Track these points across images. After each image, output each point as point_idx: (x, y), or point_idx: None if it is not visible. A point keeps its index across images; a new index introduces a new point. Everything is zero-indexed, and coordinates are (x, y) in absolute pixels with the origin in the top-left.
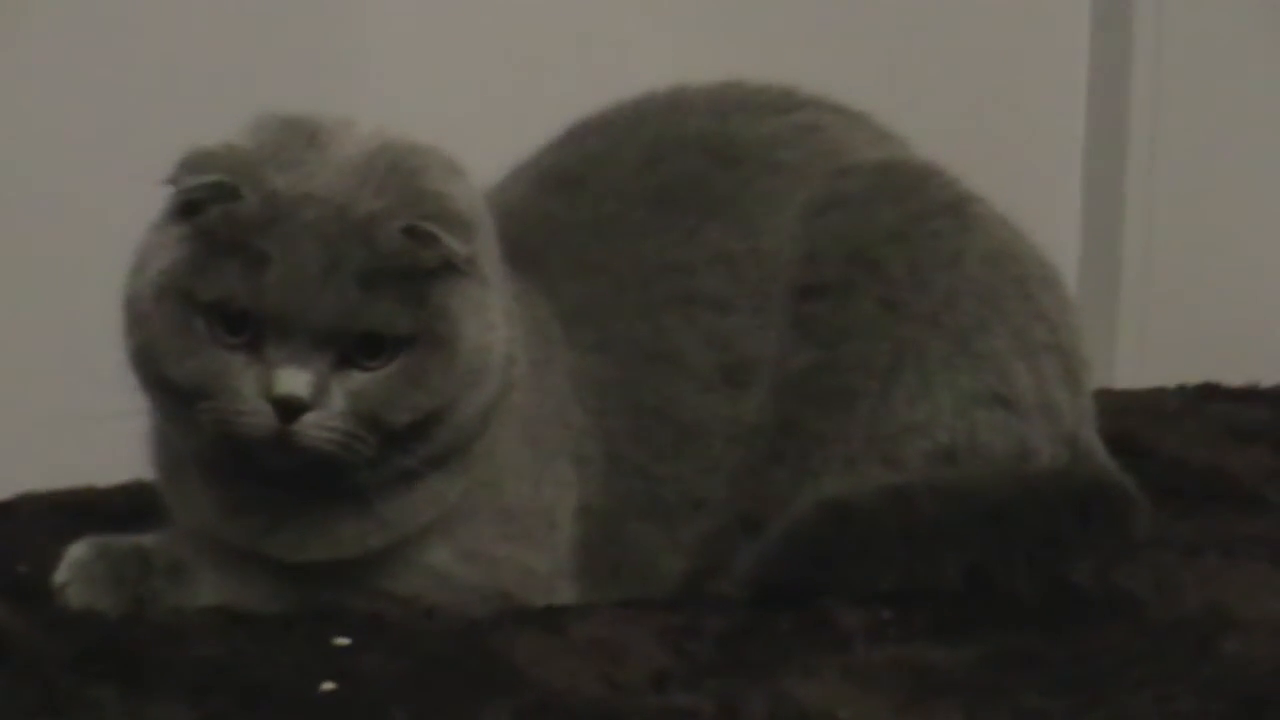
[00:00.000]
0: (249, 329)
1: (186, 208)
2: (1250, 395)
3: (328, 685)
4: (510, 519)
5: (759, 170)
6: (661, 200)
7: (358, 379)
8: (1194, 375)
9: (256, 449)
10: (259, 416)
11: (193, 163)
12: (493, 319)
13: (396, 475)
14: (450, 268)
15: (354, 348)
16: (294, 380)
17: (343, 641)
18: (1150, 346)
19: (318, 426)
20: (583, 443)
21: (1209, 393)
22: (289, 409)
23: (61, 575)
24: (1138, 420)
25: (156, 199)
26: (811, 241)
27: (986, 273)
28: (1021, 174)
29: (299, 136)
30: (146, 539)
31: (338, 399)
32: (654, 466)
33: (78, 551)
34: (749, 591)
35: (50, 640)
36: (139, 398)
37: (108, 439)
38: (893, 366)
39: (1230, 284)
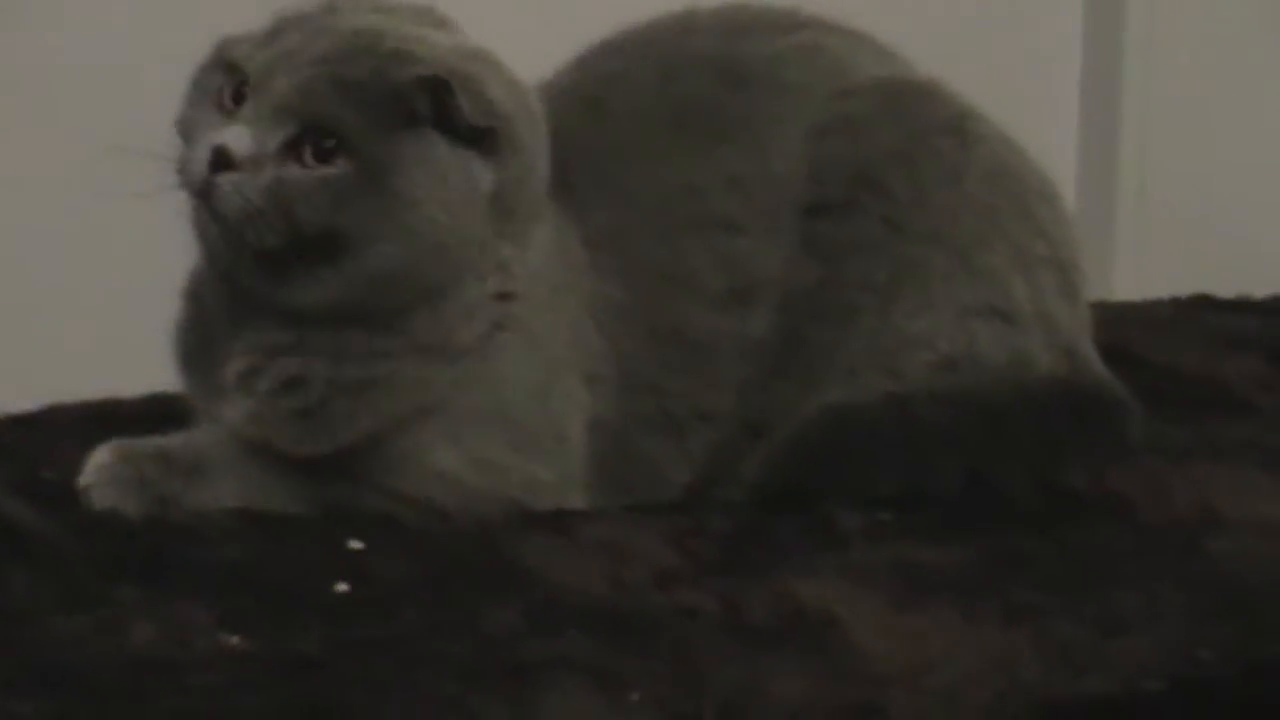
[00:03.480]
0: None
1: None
2: (1242, 306)
3: (342, 586)
4: (517, 429)
5: (766, 91)
6: (676, 122)
7: (293, 170)
8: (1189, 287)
9: (195, 215)
10: (195, 164)
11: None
12: (450, 198)
13: (324, 299)
14: (442, 126)
15: (304, 140)
16: (235, 135)
17: (356, 545)
18: (1146, 259)
19: (236, 187)
20: (598, 364)
21: (1202, 304)
22: (218, 159)
23: (85, 478)
24: (1133, 330)
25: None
26: (816, 162)
27: (986, 190)
28: (1019, 89)
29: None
30: (168, 440)
31: (267, 175)
32: (665, 383)
33: (101, 455)
34: (753, 495)
35: (73, 541)
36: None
37: (134, 350)
38: (894, 282)
39: (1225, 198)
